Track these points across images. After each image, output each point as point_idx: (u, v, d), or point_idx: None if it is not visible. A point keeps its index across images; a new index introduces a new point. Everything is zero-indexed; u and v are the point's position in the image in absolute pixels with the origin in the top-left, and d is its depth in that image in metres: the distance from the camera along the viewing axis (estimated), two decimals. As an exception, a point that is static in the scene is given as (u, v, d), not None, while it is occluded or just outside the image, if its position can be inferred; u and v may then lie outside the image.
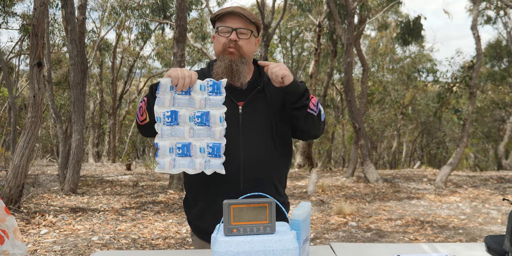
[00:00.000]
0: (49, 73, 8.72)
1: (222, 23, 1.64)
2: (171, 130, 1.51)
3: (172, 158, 1.52)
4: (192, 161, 1.52)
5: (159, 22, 15.80)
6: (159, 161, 1.51)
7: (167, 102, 1.49)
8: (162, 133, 1.50)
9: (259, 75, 1.72)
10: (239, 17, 1.63)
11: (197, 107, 1.50)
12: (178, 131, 1.51)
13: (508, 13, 16.02)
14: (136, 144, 24.47)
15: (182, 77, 1.47)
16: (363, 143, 9.96)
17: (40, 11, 5.09)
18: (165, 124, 1.50)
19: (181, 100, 1.50)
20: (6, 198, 5.16)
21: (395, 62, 20.64)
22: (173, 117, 1.50)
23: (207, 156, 1.52)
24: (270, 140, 1.65)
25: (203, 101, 1.50)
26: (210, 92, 1.50)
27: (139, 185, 8.58)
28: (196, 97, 1.50)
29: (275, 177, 1.69)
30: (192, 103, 1.50)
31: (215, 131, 1.51)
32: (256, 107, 1.65)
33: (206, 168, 1.52)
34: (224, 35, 1.63)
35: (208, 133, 1.51)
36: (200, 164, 1.52)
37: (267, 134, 1.65)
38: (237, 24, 1.62)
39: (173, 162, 1.52)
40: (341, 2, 12.26)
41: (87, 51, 15.74)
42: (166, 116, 1.49)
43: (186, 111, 1.50)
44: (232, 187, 1.60)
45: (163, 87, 1.48)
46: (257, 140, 1.63)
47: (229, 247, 1.18)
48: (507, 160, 17.44)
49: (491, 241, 1.55)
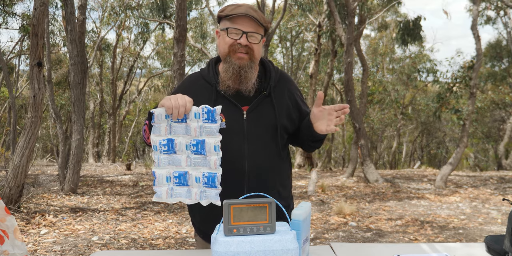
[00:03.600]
0: (49, 73, 8.72)
1: (232, 24, 1.56)
2: (168, 159, 1.47)
3: (169, 187, 1.49)
4: (189, 191, 1.49)
5: (159, 22, 15.80)
6: (156, 190, 1.48)
7: (163, 131, 1.45)
8: (159, 162, 1.47)
9: (264, 76, 1.67)
10: (251, 20, 1.55)
11: (193, 135, 1.45)
12: (175, 159, 1.47)
13: (508, 13, 16.02)
14: (136, 144, 24.45)
15: (175, 106, 1.39)
16: (363, 143, 9.96)
17: (40, 11, 5.09)
18: (162, 153, 1.46)
19: (177, 128, 1.45)
20: (6, 198, 5.16)
21: (395, 62, 20.65)
22: (169, 145, 1.46)
23: (202, 186, 1.47)
24: (274, 146, 1.63)
25: (198, 129, 1.45)
26: (206, 120, 1.44)
27: (139, 185, 8.57)
28: (192, 125, 1.45)
29: (278, 182, 1.68)
30: (189, 131, 1.45)
31: (210, 160, 1.45)
32: (261, 112, 1.60)
33: (202, 198, 1.48)
34: (233, 36, 1.57)
35: (204, 162, 1.46)
36: (195, 194, 1.49)
37: (271, 140, 1.62)
38: (248, 27, 1.55)
39: (170, 191, 1.49)
40: (341, 2, 12.26)
41: (87, 51, 15.74)
42: (163, 144, 1.45)
43: (182, 139, 1.46)
44: (236, 194, 1.57)
45: (157, 117, 1.44)
46: (262, 147, 1.60)
47: (229, 247, 1.18)
48: (507, 160, 17.44)
49: (491, 241, 1.55)
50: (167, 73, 21.95)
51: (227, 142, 1.51)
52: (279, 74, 1.70)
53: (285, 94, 1.67)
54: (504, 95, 16.67)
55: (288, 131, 1.67)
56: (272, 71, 1.68)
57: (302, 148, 1.78)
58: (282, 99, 1.64)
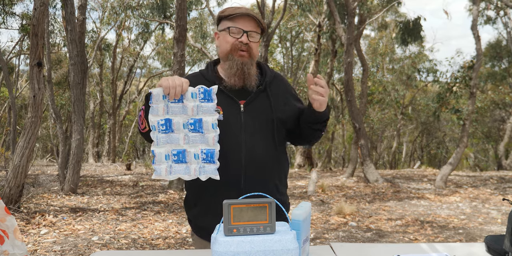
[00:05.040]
0: (49, 73, 8.72)
1: (233, 24, 1.64)
2: (167, 138, 1.52)
3: (168, 165, 1.54)
4: (187, 167, 1.54)
5: (159, 22, 15.81)
6: (155, 168, 1.53)
7: (161, 111, 1.51)
8: (158, 141, 1.52)
9: (261, 74, 1.74)
10: (251, 20, 1.64)
11: (190, 114, 1.51)
12: (173, 138, 1.52)
13: (508, 13, 16.02)
14: (136, 144, 24.46)
15: (173, 86, 1.46)
16: (363, 143, 9.96)
17: (40, 11, 5.09)
18: (160, 132, 1.52)
19: (174, 108, 1.51)
20: (6, 198, 5.16)
21: (395, 62, 20.65)
22: (167, 125, 1.51)
23: (201, 162, 1.53)
24: (271, 139, 1.67)
25: (195, 109, 1.51)
26: (202, 99, 1.51)
27: (139, 185, 8.58)
28: (189, 105, 1.51)
29: (276, 176, 1.70)
30: (185, 111, 1.52)
31: (208, 138, 1.52)
32: (258, 105, 1.66)
33: (201, 174, 1.53)
34: (234, 35, 1.63)
35: (202, 140, 1.52)
36: (195, 170, 1.54)
37: (268, 133, 1.66)
38: (249, 27, 1.63)
39: (169, 168, 1.54)
40: (341, 2, 12.26)
41: (87, 51, 15.74)
42: (160, 124, 1.51)
43: (180, 119, 1.52)
44: (233, 186, 1.60)
45: (155, 97, 1.50)
46: (259, 139, 1.64)
47: (229, 247, 1.18)
48: (507, 160, 17.44)
49: (491, 241, 1.55)
50: (167, 73, 21.96)
51: (225, 134, 1.55)
52: (274, 73, 1.78)
53: (280, 89, 1.74)
54: (504, 95, 16.68)
55: (285, 124, 1.70)
56: (267, 70, 1.76)
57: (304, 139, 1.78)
58: (277, 93, 1.71)
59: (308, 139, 1.76)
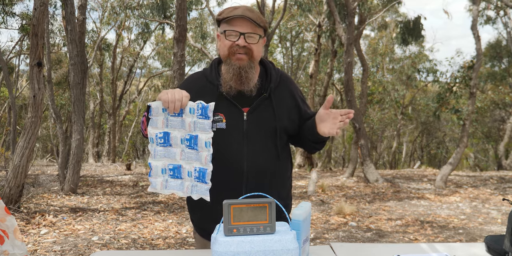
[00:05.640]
0: (49, 73, 8.72)
1: (229, 26, 1.59)
2: (164, 151, 1.50)
3: (164, 179, 1.53)
4: (182, 184, 1.52)
5: (159, 22, 15.80)
6: (151, 180, 1.53)
7: (160, 124, 1.49)
8: (155, 154, 1.50)
9: (265, 77, 1.68)
10: (248, 21, 1.58)
11: (187, 129, 1.49)
12: (170, 152, 1.51)
13: (508, 13, 16.02)
14: (136, 144, 24.46)
15: (171, 101, 1.43)
16: (363, 143, 9.96)
17: (40, 11, 5.09)
18: (158, 145, 1.50)
19: (173, 122, 1.49)
20: (6, 198, 5.16)
21: (395, 62, 20.64)
22: (165, 138, 1.49)
23: (194, 180, 1.50)
24: (274, 148, 1.64)
25: (192, 124, 1.48)
26: (200, 115, 1.47)
27: (139, 185, 8.57)
28: (187, 120, 1.48)
29: (278, 184, 1.69)
30: (184, 125, 1.49)
31: (201, 156, 1.48)
32: (261, 114, 1.62)
33: (193, 192, 1.51)
34: (230, 38, 1.59)
35: (196, 157, 1.49)
36: (187, 188, 1.52)
37: (271, 142, 1.63)
38: (245, 28, 1.57)
39: (165, 183, 1.53)
40: (341, 2, 12.25)
41: (87, 51, 15.74)
42: (159, 137, 1.48)
43: (178, 133, 1.49)
44: (234, 194, 1.57)
45: (154, 110, 1.47)
46: (261, 148, 1.61)
47: (229, 247, 1.18)
48: (507, 160, 17.44)
49: (491, 241, 1.55)
50: (167, 73, 21.97)
51: (226, 143, 1.53)
52: (279, 75, 1.72)
53: (286, 94, 1.69)
54: (504, 95, 16.68)
55: (288, 132, 1.68)
56: (272, 71, 1.70)
57: (304, 148, 1.80)
58: (282, 100, 1.66)
59: (306, 149, 1.79)
